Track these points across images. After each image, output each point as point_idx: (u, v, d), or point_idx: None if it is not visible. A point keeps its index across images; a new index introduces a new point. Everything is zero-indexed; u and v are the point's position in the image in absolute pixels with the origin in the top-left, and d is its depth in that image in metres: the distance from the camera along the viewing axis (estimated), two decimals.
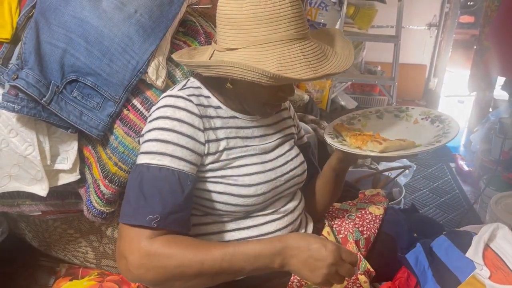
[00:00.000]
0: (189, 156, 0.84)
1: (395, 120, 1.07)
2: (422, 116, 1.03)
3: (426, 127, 0.99)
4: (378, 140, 0.90)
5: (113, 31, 1.01)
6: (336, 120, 1.10)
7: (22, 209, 1.16)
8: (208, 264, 0.75)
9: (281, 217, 0.99)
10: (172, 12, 1.09)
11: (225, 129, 0.92)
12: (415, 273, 0.99)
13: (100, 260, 1.38)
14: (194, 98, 0.89)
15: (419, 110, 1.05)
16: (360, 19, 3.70)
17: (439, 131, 0.95)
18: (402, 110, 1.08)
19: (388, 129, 1.03)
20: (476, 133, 2.66)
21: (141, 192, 0.80)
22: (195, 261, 0.75)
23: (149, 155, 0.83)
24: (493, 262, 0.93)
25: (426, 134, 0.96)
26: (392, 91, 3.67)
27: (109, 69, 1.01)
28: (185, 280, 0.77)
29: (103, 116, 1.02)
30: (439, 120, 0.99)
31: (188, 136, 0.85)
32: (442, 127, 0.95)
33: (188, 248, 0.77)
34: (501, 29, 2.09)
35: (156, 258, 0.75)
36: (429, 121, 1.00)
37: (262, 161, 0.96)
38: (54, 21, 0.99)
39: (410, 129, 1.01)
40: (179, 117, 0.85)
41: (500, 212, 1.75)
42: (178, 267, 0.75)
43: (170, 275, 0.76)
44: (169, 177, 0.81)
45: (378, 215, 1.12)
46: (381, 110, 1.11)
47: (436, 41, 4.23)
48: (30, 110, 0.95)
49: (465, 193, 2.56)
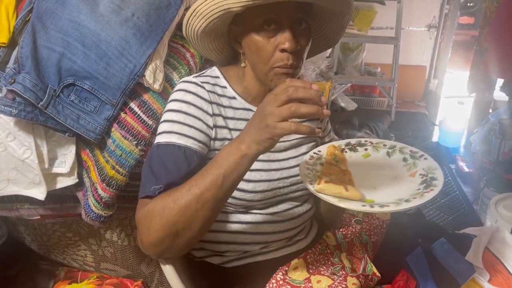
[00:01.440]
0: (197, 135, 0.86)
1: (398, 164, 0.94)
2: (423, 172, 0.88)
3: (412, 184, 0.86)
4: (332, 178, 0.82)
5: (110, 34, 1.01)
6: (340, 141, 1.01)
7: (20, 213, 1.16)
8: (185, 191, 0.75)
9: (282, 221, 0.98)
10: (169, 15, 1.10)
11: (235, 120, 0.93)
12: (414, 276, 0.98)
13: (99, 263, 1.38)
14: (208, 85, 0.90)
15: (427, 163, 0.90)
16: (360, 20, 3.71)
17: (415, 192, 0.82)
18: (414, 156, 0.93)
19: (379, 171, 0.92)
20: (476, 134, 2.65)
21: (150, 168, 0.83)
22: (175, 197, 0.75)
23: (160, 136, 0.86)
24: (493, 265, 0.92)
25: (403, 191, 0.83)
26: (392, 92, 3.67)
27: (106, 72, 1.01)
28: (183, 220, 0.75)
29: (100, 119, 1.02)
30: (427, 183, 0.84)
31: (195, 117, 0.87)
32: (419, 191, 0.81)
33: (172, 192, 0.77)
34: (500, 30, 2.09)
35: (150, 214, 0.77)
36: (422, 180, 0.86)
37: (268, 159, 0.95)
38: (51, 25, 1.00)
39: (398, 180, 0.88)
40: (187, 99, 0.87)
41: (500, 213, 1.75)
42: (165, 210, 0.75)
43: (167, 223, 0.75)
44: (175, 152, 0.83)
45: (385, 220, 1.11)
46: (395, 147, 0.97)
47: (436, 42, 4.23)
48: (27, 114, 0.95)
49: (465, 194, 2.55)
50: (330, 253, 1.00)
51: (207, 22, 0.84)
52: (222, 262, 0.98)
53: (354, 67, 3.99)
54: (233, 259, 0.98)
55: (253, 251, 0.98)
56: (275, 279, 0.90)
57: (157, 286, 1.43)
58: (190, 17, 0.86)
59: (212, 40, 0.94)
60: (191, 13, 0.86)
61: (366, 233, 1.06)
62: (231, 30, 0.91)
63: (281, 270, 0.92)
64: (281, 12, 0.82)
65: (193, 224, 0.76)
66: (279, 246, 1.01)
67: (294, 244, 1.03)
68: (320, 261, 0.98)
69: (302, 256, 0.96)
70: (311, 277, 0.91)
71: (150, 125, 1.06)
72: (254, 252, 0.99)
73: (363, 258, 0.98)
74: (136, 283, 1.36)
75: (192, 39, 0.93)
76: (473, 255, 0.93)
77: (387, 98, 3.81)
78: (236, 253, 0.98)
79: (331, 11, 0.90)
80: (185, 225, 0.76)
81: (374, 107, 4.10)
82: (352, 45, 3.91)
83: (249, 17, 0.84)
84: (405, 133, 3.59)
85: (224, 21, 0.87)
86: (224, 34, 0.93)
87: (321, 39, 1.00)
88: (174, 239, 0.77)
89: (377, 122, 3.19)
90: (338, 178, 0.83)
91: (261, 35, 0.84)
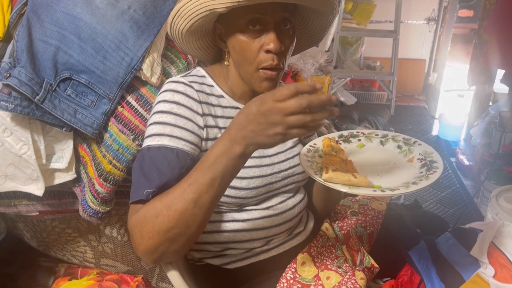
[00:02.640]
0: (189, 136, 0.85)
1: (394, 151, 0.96)
2: (420, 156, 0.90)
3: (412, 168, 0.87)
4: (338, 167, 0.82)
5: (106, 27, 1.00)
6: (333, 133, 1.02)
7: (19, 209, 1.16)
8: (179, 196, 0.73)
9: (278, 213, 0.98)
10: (166, 7, 1.08)
11: (225, 118, 0.92)
12: (418, 270, 0.98)
13: (99, 259, 1.37)
14: (196, 84, 0.89)
15: (423, 148, 0.92)
16: (359, 14, 3.69)
17: (418, 175, 0.84)
18: (408, 143, 0.95)
19: (377, 159, 0.93)
20: (476, 127, 2.64)
21: (141, 171, 0.80)
22: (167, 203, 0.73)
23: (150, 138, 0.84)
24: (498, 260, 0.92)
25: (405, 176, 0.85)
26: (391, 86, 3.66)
27: (103, 66, 1.00)
28: (179, 226, 0.74)
29: (97, 114, 1.01)
30: (428, 166, 0.86)
31: (186, 118, 0.85)
32: (423, 174, 0.83)
33: (163, 196, 0.75)
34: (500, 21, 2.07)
35: (142, 221, 0.75)
36: (421, 164, 0.88)
37: (259, 155, 0.95)
38: (46, 18, 0.98)
39: (397, 166, 0.89)
40: (177, 100, 0.86)
41: (501, 205, 1.74)
42: (158, 216, 0.73)
43: (161, 230, 0.73)
44: (168, 154, 0.81)
45: (381, 211, 1.11)
46: (388, 136, 0.99)
47: (435, 36, 4.21)
48: (23, 109, 0.94)
49: (465, 188, 2.55)
50: (332, 245, 1.01)
51: (192, 22, 0.84)
52: (224, 263, 0.98)
53: (353, 61, 3.98)
54: (236, 260, 0.98)
55: (255, 250, 0.98)
56: (285, 278, 0.90)
57: (157, 281, 1.43)
58: (175, 17, 0.86)
59: (197, 39, 0.93)
60: (175, 13, 0.85)
61: (361, 224, 1.06)
62: (216, 28, 0.90)
63: (290, 269, 0.92)
64: (266, 12, 0.82)
65: (189, 228, 0.75)
66: (280, 241, 1.01)
67: (294, 237, 1.03)
68: (324, 253, 0.98)
69: (306, 250, 0.95)
70: (320, 274, 0.91)
71: (147, 119, 1.05)
72: (256, 251, 0.98)
73: (360, 251, 0.98)
74: (137, 279, 1.35)
75: (176, 38, 0.92)
76: (478, 250, 0.93)
77: (387, 92, 3.80)
78: (238, 252, 0.97)
79: (315, 10, 0.90)
80: (181, 230, 0.74)
81: (374, 101, 4.09)
82: (351, 39, 3.90)
83: (234, 16, 0.83)
84: (404, 127, 3.58)
85: (209, 21, 0.86)
86: (209, 33, 0.93)
87: (305, 37, 1.01)
88: (170, 244, 0.75)
89: (377, 116, 3.18)
90: (342, 167, 0.83)
91: (245, 35, 0.84)
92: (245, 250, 0.97)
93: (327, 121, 2.64)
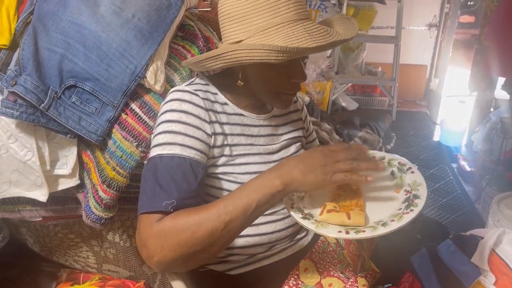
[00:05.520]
0: (199, 145, 0.86)
1: (385, 178, 0.93)
2: (408, 188, 0.87)
3: (395, 202, 0.84)
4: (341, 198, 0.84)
5: (111, 36, 1.01)
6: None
7: (22, 215, 1.16)
8: (213, 216, 0.74)
9: (280, 219, 0.98)
10: (170, 16, 1.09)
11: (230, 125, 0.93)
12: (419, 278, 0.98)
13: (101, 264, 1.38)
14: (201, 92, 0.91)
15: (413, 178, 0.88)
16: (360, 20, 3.71)
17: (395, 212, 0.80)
18: (402, 169, 0.92)
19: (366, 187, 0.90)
20: (478, 133, 2.64)
21: (156, 182, 0.80)
22: (199, 220, 0.74)
23: (160, 147, 0.84)
24: (499, 267, 0.92)
25: (383, 211, 0.82)
26: (393, 91, 3.67)
27: (108, 74, 1.01)
28: (203, 245, 0.74)
29: (101, 121, 1.02)
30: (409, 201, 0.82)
31: (195, 127, 0.86)
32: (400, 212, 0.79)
33: (192, 213, 0.76)
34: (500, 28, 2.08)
35: (167, 233, 0.74)
36: (405, 197, 0.84)
37: (265, 161, 0.96)
38: (52, 26, 1.00)
39: (382, 197, 0.87)
40: (185, 109, 0.87)
41: (502, 212, 1.74)
42: (186, 231, 0.73)
43: (185, 245, 0.73)
44: (182, 164, 0.82)
45: None
46: (384, 160, 0.96)
47: (436, 42, 4.22)
48: (29, 116, 0.95)
49: (467, 194, 2.54)
50: (332, 250, 1.01)
51: (229, 64, 0.85)
52: (227, 269, 0.98)
53: (355, 66, 3.99)
54: (238, 266, 0.98)
55: (258, 255, 0.98)
56: (288, 285, 0.91)
57: (159, 287, 1.43)
58: (209, 59, 0.87)
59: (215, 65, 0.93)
60: (211, 56, 0.86)
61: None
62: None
63: (293, 275, 0.92)
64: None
65: (212, 248, 0.76)
66: (282, 247, 1.01)
67: (296, 243, 1.04)
68: (326, 259, 0.98)
69: (308, 256, 0.96)
70: (322, 281, 0.92)
71: (151, 126, 1.06)
72: (259, 257, 0.99)
73: (361, 256, 0.98)
74: (138, 284, 1.35)
75: (196, 68, 0.97)
76: (479, 257, 0.93)
77: (388, 97, 3.81)
78: (241, 258, 0.98)
79: None
80: (204, 248, 0.75)
81: (375, 106, 4.10)
82: (352, 45, 3.92)
83: None
84: (406, 132, 3.59)
85: None
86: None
87: None
88: (188, 259, 0.76)
89: (378, 122, 3.19)
90: (348, 198, 0.85)
91: (275, 70, 0.88)
92: (248, 255, 0.98)
93: (329, 126, 2.64)
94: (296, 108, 1.13)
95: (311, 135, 1.19)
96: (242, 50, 0.80)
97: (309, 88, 3.25)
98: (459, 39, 4.19)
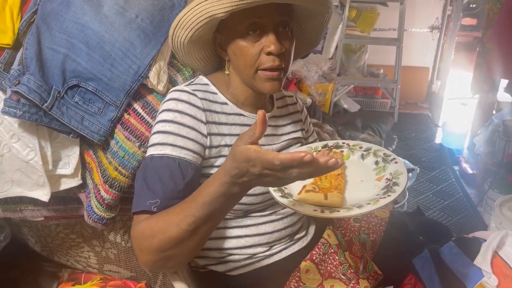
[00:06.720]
0: (191, 145, 0.85)
1: (369, 167, 0.93)
2: (389, 176, 0.86)
3: (375, 189, 0.84)
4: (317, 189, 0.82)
5: (114, 36, 1.01)
6: (317, 143, 1.02)
7: (24, 214, 1.17)
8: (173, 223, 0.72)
9: (280, 219, 0.99)
10: (173, 16, 1.09)
11: (229, 125, 0.93)
12: (421, 280, 0.98)
13: (103, 265, 1.38)
14: (199, 93, 0.90)
15: (396, 167, 0.87)
16: (362, 22, 3.71)
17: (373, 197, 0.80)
18: (386, 160, 0.92)
19: (349, 174, 0.91)
20: (480, 135, 2.64)
21: (144, 181, 0.81)
22: (163, 227, 0.73)
23: (153, 147, 0.85)
24: (502, 270, 0.92)
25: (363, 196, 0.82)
26: (395, 93, 3.67)
27: (110, 74, 1.01)
28: (175, 248, 0.74)
29: (104, 121, 1.02)
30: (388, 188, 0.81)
31: (189, 127, 0.86)
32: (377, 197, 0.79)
33: (162, 217, 0.76)
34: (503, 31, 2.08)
35: (140, 237, 0.76)
36: (385, 184, 0.84)
37: None
38: (55, 26, 1.00)
39: (363, 184, 0.87)
40: (180, 109, 0.87)
41: (504, 215, 1.74)
42: (155, 237, 0.73)
43: (157, 250, 0.74)
44: (171, 164, 0.82)
45: (384, 218, 1.11)
46: (370, 150, 0.96)
47: (438, 44, 4.23)
48: (31, 115, 0.95)
49: (469, 196, 2.54)
50: (334, 252, 1.01)
51: (193, 31, 0.85)
52: (227, 269, 0.98)
53: (357, 68, 3.99)
54: (239, 266, 0.98)
55: (258, 255, 0.98)
56: (289, 286, 0.90)
57: (160, 287, 1.43)
58: (176, 28, 0.87)
59: (198, 50, 0.95)
60: (176, 24, 0.87)
61: (364, 231, 1.06)
62: (216, 38, 0.92)
63: (294, 277, 0.92)
64: (264, 15, 0.84)
65: (184, 249, 0.75)
66: (282, 246, 1.01)
67: (296, 242, 1.04)
68: (327, 261, 0.98)
69: (309, 258, 0.96)
70: (324, 282, 0.91)
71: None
72: (259, 256, 0.99)
73: (363, 257, 0.98)
74: (140, 285, 1.35)
75: (178, 50, 0.94)
76: (481, 259, 0.93)
77: (390, 99, 3.81)
78: (241, 258, 0.98)
79: (310, 12, 0.92)
80: (176, 252, 0.75)
81: (377, 108, 4.10)
82: (354, 47, 3.92)
83: (233, 23, 0.85)
84: (408, 134, 3.58)
85: (209, 30, 0.88)
86: (209, 43, 0.95)
87: (302, 40, 1.02)
88: (166, 261, 0.76)
89: (380, 124, 3.19)
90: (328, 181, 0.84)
91: (246, 40, 0.86)
92: (248, 255, 0.98)
93: (330, 128, 2.64)
94: (296, 109, 1.13)
95: (311, 136, 1.19)
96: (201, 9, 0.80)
97: (311, 90, 3.26)
98: (461, 41, 4.19)
